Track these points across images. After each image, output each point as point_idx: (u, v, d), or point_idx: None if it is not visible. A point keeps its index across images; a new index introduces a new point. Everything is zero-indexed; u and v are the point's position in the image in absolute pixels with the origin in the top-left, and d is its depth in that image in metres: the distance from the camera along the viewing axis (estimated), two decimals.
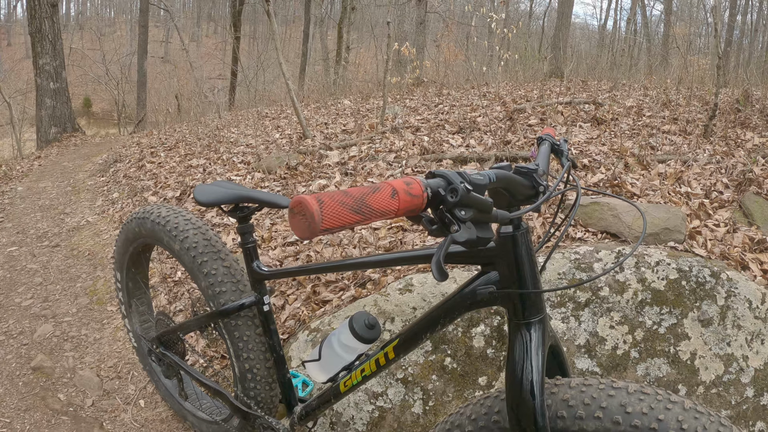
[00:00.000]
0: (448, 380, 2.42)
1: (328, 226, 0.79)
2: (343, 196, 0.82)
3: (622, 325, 2.44)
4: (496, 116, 6.03)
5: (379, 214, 0.87)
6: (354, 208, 0.82)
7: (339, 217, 0.80)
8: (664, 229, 2.86)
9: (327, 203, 0.79)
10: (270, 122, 8.46)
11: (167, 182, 5.96)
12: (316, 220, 0.77)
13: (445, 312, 1.44)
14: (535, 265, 1.29)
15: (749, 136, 4.78)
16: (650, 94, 7.01)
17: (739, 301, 2.52)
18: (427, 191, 0.94)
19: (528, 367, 1.26)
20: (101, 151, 10.13)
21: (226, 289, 2.16)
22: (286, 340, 2.84)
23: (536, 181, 1.27)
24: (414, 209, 0.92)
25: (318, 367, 1.77)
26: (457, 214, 0.97)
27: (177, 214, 2.33)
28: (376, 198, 0.86)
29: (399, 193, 0.89)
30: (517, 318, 1.30)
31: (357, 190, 0.86)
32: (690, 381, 2.41)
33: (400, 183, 0.91)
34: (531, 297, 1.28)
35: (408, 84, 9.96)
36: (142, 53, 18.38)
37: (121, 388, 3.14)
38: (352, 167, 4.68)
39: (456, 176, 1.00)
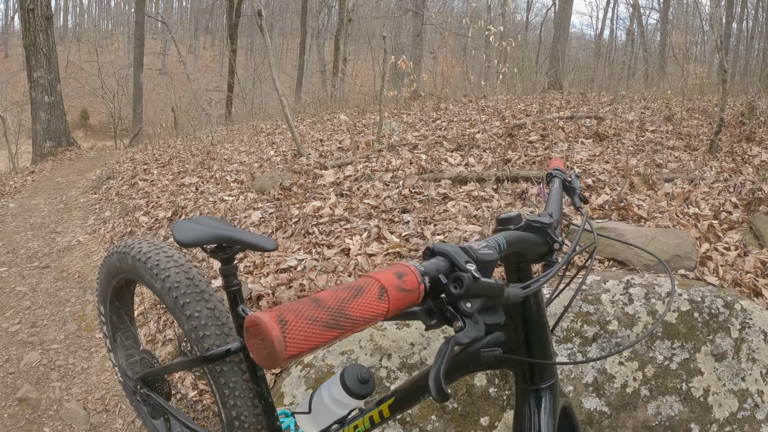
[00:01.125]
0: (449, 421, 2.29)
1: (295, 353, 0.62)
2: (313, 308, 0.64)
3: (631, 361, 2.31)
4: (495, 132, 5.93)
5: (363, 323, 0.69)
6: (329, 324, 0.64)
7: (309, 339, 0.63)
8: (675, 256, 2.74)
9: (292, 323, 0.61)
10: (265, 138, 8.38)
11: (159, 202, 5.87)
12: (277, 349, 0.60)
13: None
14: (545, 327, 1.15)
15: (756, 151, 4.67)
16: (651, 107, 6.92)
17: (754, 333, 2.39)
18: (424, 282, 0.76)
19: None
20: (95, 166, 10.07)
21: (210, 333, 2.00)
22: (278, 374, 2.72)
23: (551, 237, 1.11)
24: (407, 306, 0.75)
25: (308, 420, 1.63)
26: (461, 308, 0.79)
27: (159, 250, 2.18)
28: (358, 304, 0.68)
29: (389, 292, 0.71)
30: (525, 384, 1.17)
31: (332, 295, 0.68)
32: (703, 419, 2.28)
33: (390, 276, 0.73)
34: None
35: (405, 98, 9.86)
36: (138, 66, 18.31)
37: (108, 422, 3.03)
38: (347, 188, 4.57)
39: (460, 254, 0.82)
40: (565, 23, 14.21)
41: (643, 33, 25.42)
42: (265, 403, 2.01)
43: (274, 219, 4.29)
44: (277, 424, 2.03)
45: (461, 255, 0.82)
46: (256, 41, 39.57)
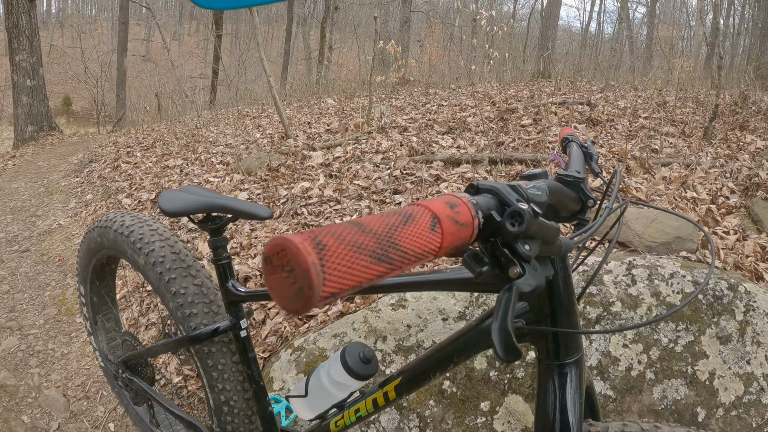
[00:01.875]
0: (447, 406, 2.20)
1: (335, 290, 0.46)
2: (358, 233, 0.49)
3: (636, 343, 2.24)
4: (486, 116, 5.85)
5: (414, 259, 0.54)
6: (377, 255, 0.49)
7: (353, 273, 0.47)
8: (676, 238, 2.67)
9: (332, 249, 0.46)
10: (251, 121, 8.27)
11: (142, 184, 5.75)
12: (314, 282, 0.44)
13: (459, 350, 1.19)
14: (572, 296, 1.03)
15: (750, 139, 4.63)
16: (643, 95, 6.87)
17: (758, 316, 2.33)
18: (478, 216, 0.63)
19: (563, 416, 1.03)
20: (78, 150, 9.91)
21: (197, 311, 1.88)
22: (267, 358, 2.63)
23: (584, 193, 1.00)
24: (461, 245, 0.61)
25: (304, 403, 1.53)
26: (520, 249, 0.66)
27: (143, 223, 2.06)
28: (409, 234, 0.53)
29: (442, 222, 0.57)
30: (549, 358, 1.05)
31: (379, 220, 0.53)
32: (709, 403, 2.21)
33: (442, 206, 0.59)
34: (567, 335, 1.04)
35: (393, 83, 9.77)
36: (121, 51, 18.12)
37: (89, 410, 2.92)
38: (337, 169, 4.48)
39: (511, 192, 0.70)
40: (554, 12, 14.20)
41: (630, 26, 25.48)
42: (257, 387, 1.89)
43: (261, 200, 4.20)
44: (269, 409, 1.92)
45: (511, 193, 0.70)
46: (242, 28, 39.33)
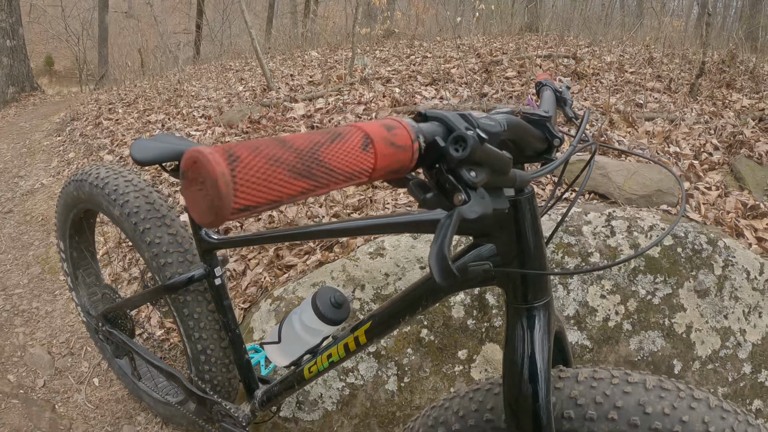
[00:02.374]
0: (425, 354, 2.21)
1: (248, 202, 0.45)
2: (278, 147, 0.48)
3: (613, 294, 2.23)
4: (471, 68, 5.79)
5: (342, 178, 0.53)
6: (297, 170, 0.48)
7: (269, 186, 0.46)
8: (657, 191, 2.66)
9: (246, 161, 0.44)
10: (234, 75, 8.19)
11: (124, 140, 5.69)
12: (223, 193, 0.43)
13: (428, 292, 1.18)
14: (541, 238, 1.02)
15: (736, 98, 4.61)
16: (630, 50, 6.83)
17: (737, 271, 2.32)
18: (418, 141, 0.60)
19: (531, 360, 1.03)
20: (60, 109, 9.81)
21: (172, 260, 1.91)
22: (248, 309, 2.63)
23: (550, 132, 0.97)
24: (398, 169, 0.59)
25: (278, 350, 1.54)
26: (465, 176, 0.64)
27: (117, 174, 2.06)
28: (337, 151, 0.52)
29: (375, 143, 0.55)
30: (517, 302, 1.04)
31: (304, 137, 0.51)
32: (685, 356, 2.22)
33: (378, 127, 0.57)
34: (535, 277, 1.02)
35: (378, 35, 9.67)
36: (102, 7, 17.78)
37: (73, 366, 2.95)
38: (318, 120, 4.43)
39: (459, 119, 0.66)
40: None
41: None
42: (233, 335, 1.91)
43: None
44: (246, 357, 1.93)
45: (460, 121, 0.66)
46: None
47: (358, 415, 2.22)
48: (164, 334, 2.93)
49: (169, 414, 2.40)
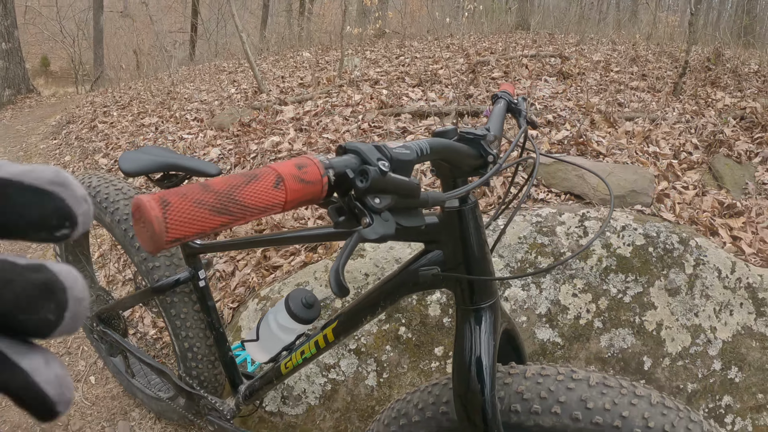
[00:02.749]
0: (403, 351, 2.28)
1: (179, 236, 0.57)
2: (201, 192, 0.59)
3: (585, 293, 2.30)
4: (458, 68, 5.84)
5: (258, 212, 0.64)
6: (216, 208, 0.60)
7: (193, 222, 0.58)
8: (631, 192, 2.72)
9: (175, 205, 0.57)
10: (227, 77, 8.21)
11: (118, 143, 5.76)
12: (157, 231, 0.55)
13: (385, 294, 1.28)
14: (484, 244, 1.12)
15: (720, 96, 4.65)
16: (619, 49, 6.88)
17: (708, 270, 2.38)
18: (328, 174, 0.71)
19: (477, 358, 1.11)
20: (56, 112, 9.84)
21: (159, 264, 2.04)
22: (236, 308, 2.71)
23: (484, 150, 1.04)
24: (310, 199, 0.70)
25: (257, 347, 1.63)
26: (368, 203, 0.75)
27: (108, 183, 2.20)
28: (251, 191, 0.63)
29: (286, 181, 0.66)
30: (465, 304, 1.14)
31: (224, 181, 0.63)
32: (655, 353, 2.28)
33: (290, 167, 0.68)
34: (481, 281, 1.12)
35: (370, 36, 9.71)
36: (97, 8, 17.73)
37: (71, 365, 3.04)
38: (307, 122, 4.48)
39: (372, 152, 0.78)
40: None
41: None
42: (217, 334, 2.02)
43: (232, 155, 4.22)
44: (230, 354, 2.04)
45: (373, 152, 0.78)
46: None
47: (340, 409, 2.30)
48: (157, 334, 3.01)
49: (161, 409, 2.51)
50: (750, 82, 5.13)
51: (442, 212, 1.09)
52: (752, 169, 3.44)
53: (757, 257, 2.62)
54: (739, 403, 2.32)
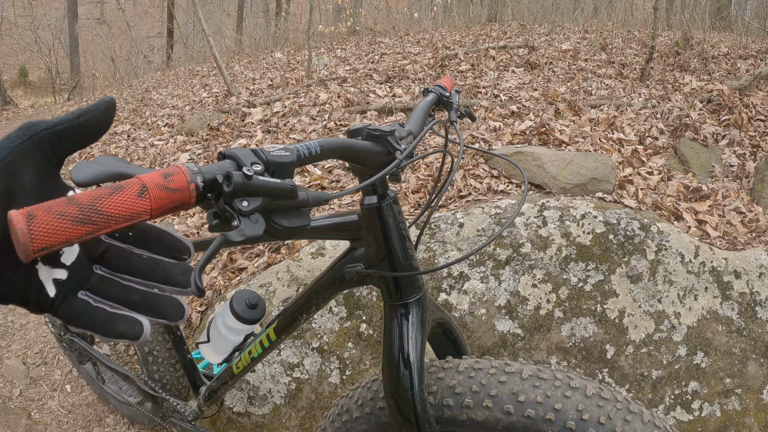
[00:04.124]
0: (365, 347, 2.29)
1: (44, 245, 0.60)
2: (65, 205, 0.62)
3: (545, 283, 2.29)
4: (426, 63, 5.83)
5: (123, 220, 0.66)
6: (79, 219, 0.63)
7: (57, 233, 0.61)
8: (592, 179, 2.72)
9: (39, 218, 0.60)
10: (199, 80, 8.19)
11: (91, 153, 5.73)
12: (22, 242, 0.59)
13: (316, 293, 1.29)
14: (406, 240, 1.13)
15: (687, 80, 4.65)
16: (589, 37, 6.88)
17: (671, 255, 2.38)
18: (195, 181, 0.73)
19: (405, 353, 1.12)
20: None
21: None
22: (204, 312, 2.72)
23: (391, 146, 1.04)
24: (179, 205, 0.71)
25: (210, 348, 1.66)
26: (236, 206, 0.78)
27: None
28: (114, 201, 0.65)
29: (150, 190, 0.68)
30: (391, 299, 1.14)
31: (88, 194, 0.66)
32: (618, 341, 2.28)
33: (156, 176, 0.70)
34: (406, 276, 1.12)
35: (342, 34, 9.70)
36: (72, 17, 17.67)
37: (47, 375, 3.07)
38: (275, 124, 4.47)
39: (248, 156, 0.81)
40: None
41: None
42: (174, 337, 2.05)
43: (202, 159, 4.21)
44: (189, 357, 2.07)
45: (249, 156, 0.80)
46: None
47: (305, 407, 2.30)
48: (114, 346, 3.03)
49: (132, 414, 2.57)
50: (719, 65, 5.14)
51: (361, 210, 1.09)
52: (719, 152, 3.45)
53: (722, 240, 2.62)
54: (706, 388, 2.31)
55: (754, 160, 3.39)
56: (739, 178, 3.30)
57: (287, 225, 0.84)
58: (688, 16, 7.91)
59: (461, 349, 1.35)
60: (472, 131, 3.52)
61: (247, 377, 2.33)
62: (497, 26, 7.60)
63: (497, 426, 1.06)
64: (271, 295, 2.38)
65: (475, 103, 4.09)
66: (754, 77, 4.27)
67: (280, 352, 2.31)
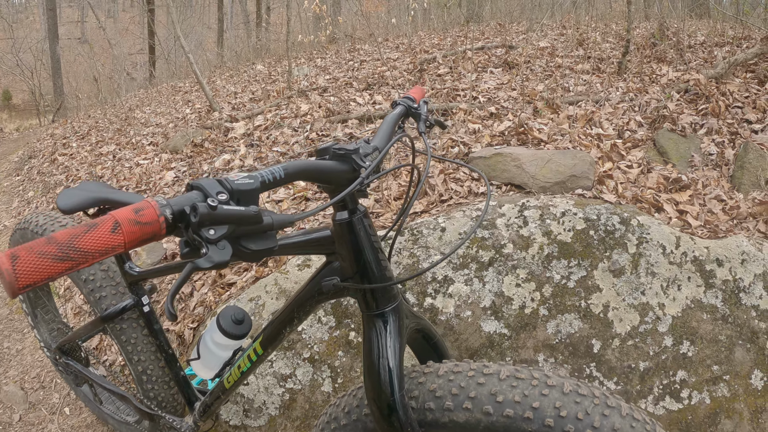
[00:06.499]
0: (355, 355, 2.33)
1: (29, 282, 0.66)
2: (45, 245, 0.69)
3: (528, 282, 2.33)
4: (405, 68, 5.86)
5: (99, 254, 0.73)
6: (59, 257, 0.69)
7: (39, 271, 0.67)
8: (571, 177, 2.75)
9: (23, 258, 0.66)
10: (181, 97, 8.20)
11: (78, 174, 5.73)
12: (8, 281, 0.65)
13: (298, 306, 1.34)
14: (378, 252, 1.17)
15: (665, 71, 4.69)
16: (566, 33, 6.91)
17: (652, 247, 2.41)
18: (164, 214, 0.79)
19: (384, 361, 1.16)
20: (18, 147, 9.78)
21: (106, 293, 2.13)
22: (196, 328, 2.74)
23: (356, 163, 1.09)
24: (150, 237, 0.78)
25: (201, 365, 1.69)
26: (204, 235, 0.82)
27: (53, 220, 2.28)
28: (90, 238, 0.72)
29: (123, 225, 0.74)
30: (368, 309, 1.19)
31: (66, 232, 0.72)
32: (604, 335, 2.31)
33: (128, 212, 0.76)
34: (379, 287, 1.17)
35: (322, 42, 9.72)
36: (53, 38, 17.63)
37: (45, 399, 3.10)
38: (257, 137, 4.50)
39: (213, 186, 0.86)
40: None
41: None
42: (167, 355, 2.11)
43: (187, 177, 4.23)
44: (182, 374, 2.12)
45: (214, 187, 0.85)
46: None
47: (299, 417, 2.34)
48: (124, 360, 3.04)
49: None
50: (695, 54, 5.17)
51: (333, 225, 1.13)
52: (697, 141, 3.48)
53: (704, 229, 2.65)
54: (694, 376, 2.34)
55: (732, 147, 3.42)
56: (718, 166, 3.33)
57: (255, 248, 0.89)
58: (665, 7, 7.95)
59: (442, 353, 1.39)
60: (452, 135, 3.55)
61: (241, 390, 2.36)
62: (475, 27, 7.61)
63: (478, 426, 1.09)
64: (261, 309, 2.41)
65: (454, 106, 4.11)
66: (730, 65, 4.30)
67: (272, 364, 2.34)
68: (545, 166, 2.78)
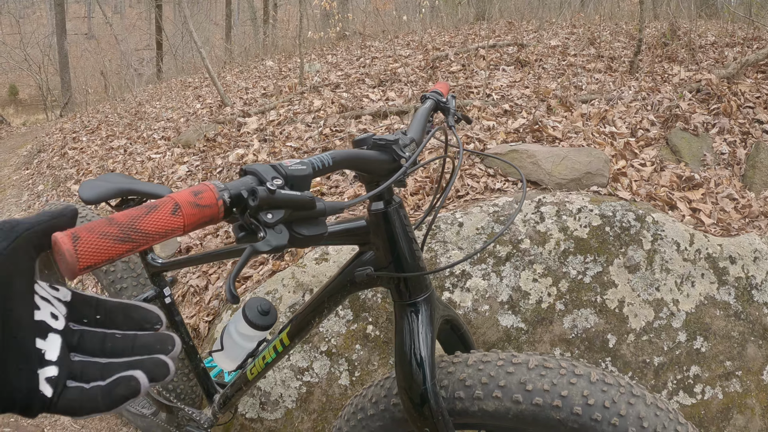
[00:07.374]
0: (372, 348, 2.34)
1: (90, 263, 0.65)
2: (106, 225, 0.68)
3: (545, 277, 2.35)
4: (417, 65, 5.87)
5: (159, 236, 0.72)
6: (120, 238, 0.68)
7: (101, 252, 0.66)
8: (586, 174, 2.77)
9: (84, 238, 0.65)
10: (192, 92, 8.18)
11: (89, 168, 5.74)
12: (69, 261, 0.63)
13: (328, 296, 1.35)
14: (412, 242, 1.19)
15: (676, 71, 4.70)
16: (577, 32, 6.91)
17: (667, 244, 2.43)
18: (223, 198, 0.79)
19: (416, 350, 1.17)
20: (27, 141, 9.78)
21: (127, 285, 2.14)
22: (211, 321, 2.75)
23: (396, 154, 1.11)
24: (209, 220, 0.78)
25: (223, 356, 1.70)
26: (262, 219, 0.83)
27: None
28: (150, 220, 0.72)
29: (183, 208, 0.74)
30: (401, 299, 1.21)
31: (126, 214, 0.71)
32: (619, 330, 2.33)
33: (187, 194, 0.76)
34: (413, 276, 1.18)
35: (331, 38, 9.72)
36: (60, 33, 17.59)
37: None
38: (270, 132, 4.51)
39: (268, 171, 0.86)
40: None
41: None
42: (187, 347, 2.08)
43: (200, 171, 4.24)
44: (201, 366, 2.10)
45: (269, 172, 0.86)
46: None
47: (316, 410, 2.35)
48: None
49: (146, 426, 2.58)
50: (706, 54, 5.18)
51: (369, 216, 1.15)
52: (709, 141, 3.50)
53: (717, 227, 2.67)
54: (707, 372, 2.37)
55: (744, 147, 3.45)
56: (730, 166, 3.35)
57: (307, 234, 0.89)
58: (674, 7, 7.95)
59: (468, 344, 1.41)
60: (467, 131, 3.56)
61: (258, 383, 2.37)
62: (486, 25, 7.61)
63: (507, 415, 1.11)
64: (277, 302, 2.42)
65: (468, 103, 4.13)
66: (741, 65, 4.32)
67: (289, 357, 2.35)
68: (561, 163, 2.79)
